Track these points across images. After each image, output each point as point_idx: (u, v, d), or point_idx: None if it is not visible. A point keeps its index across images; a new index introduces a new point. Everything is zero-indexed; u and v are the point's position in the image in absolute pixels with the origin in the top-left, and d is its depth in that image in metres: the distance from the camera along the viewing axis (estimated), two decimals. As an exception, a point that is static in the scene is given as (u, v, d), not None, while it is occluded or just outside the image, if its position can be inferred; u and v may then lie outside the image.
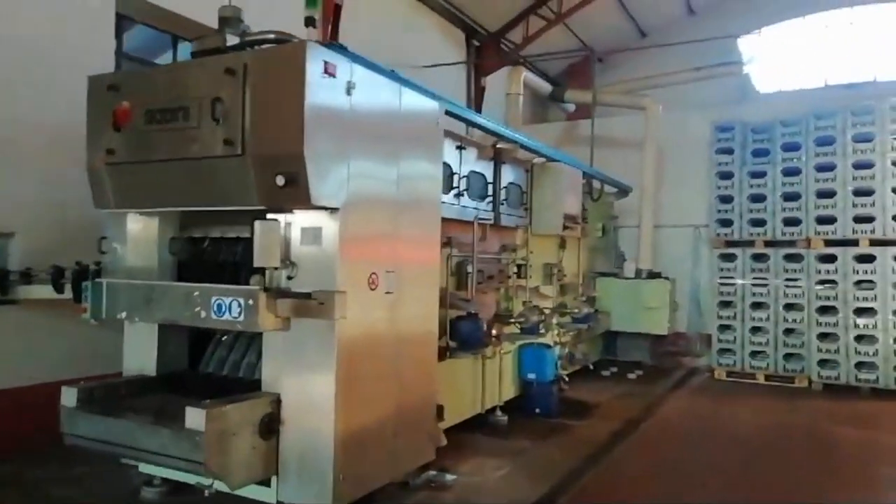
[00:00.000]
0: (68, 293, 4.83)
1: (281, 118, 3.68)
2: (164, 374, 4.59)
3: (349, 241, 3.96)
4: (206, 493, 3.79)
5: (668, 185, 11.39)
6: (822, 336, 9.13)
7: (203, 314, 3.93)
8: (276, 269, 3.93)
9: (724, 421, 7.53)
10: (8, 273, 5.15)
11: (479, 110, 12.39)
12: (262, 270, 3.92)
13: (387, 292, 4.32)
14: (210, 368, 4.71)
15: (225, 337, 4.72)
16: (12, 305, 5.30)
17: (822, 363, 9.08)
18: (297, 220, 3.98)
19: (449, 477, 5.22)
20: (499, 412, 6.91)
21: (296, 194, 3.68)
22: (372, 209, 4.19)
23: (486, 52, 12.38)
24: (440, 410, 5.58)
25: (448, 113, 5.21)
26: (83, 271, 4.62)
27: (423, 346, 4.78)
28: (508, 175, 6.78)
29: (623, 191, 10.50)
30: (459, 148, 5.84)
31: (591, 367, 9.16)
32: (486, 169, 6.39)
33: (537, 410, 7.22)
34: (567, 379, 8.29)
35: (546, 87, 10.81)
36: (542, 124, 12.92)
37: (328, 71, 3.75)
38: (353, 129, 3.98)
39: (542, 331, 7.18)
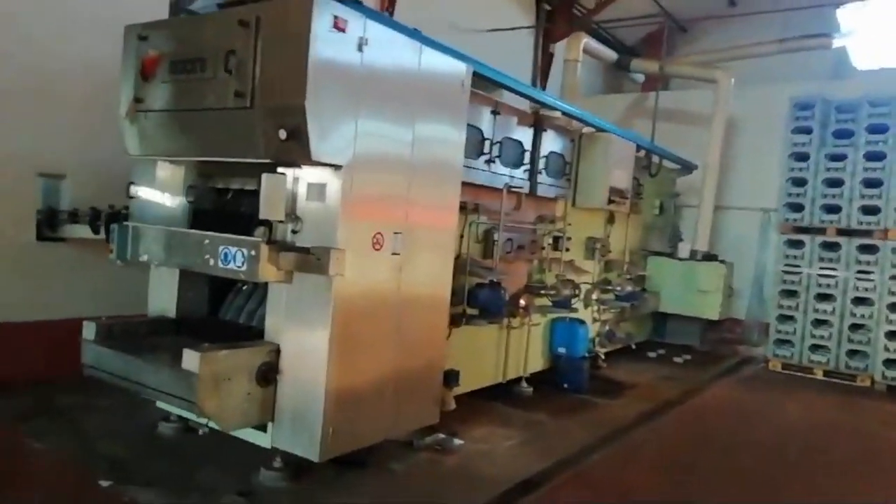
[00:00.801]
0: (104, 234, 5.09)
1: (287, 71, 3.68)
2: (184, 317, 4.79)
3: (353, 199, 3.96)
4: (201, 431, 3.96)
5: (739, 165, 10.79)
6: (892, 335, 8.50)
7: (212, 262, 4.05)
8: (280, 222, 4.00)
9: (766, 413, 7.17)
10: (57, 212, 5.48)
11: (545, 78, 12.08)
12: (267, 223, 3.99)
13: (393, 253, 4.31)
14: (228, 316, 4.89)
15: (245, 286, 4.87)
16: (62, 243, 5.65)
17: (889, 363, 8.48)
18: (305, 176, 4.02)
19: (457, 441, 5.25)
20: (524, 383, 6.86)
21: (298, 149, 3.70)
22: (381, 170, 4.17)
23: (556, 17, 11.95)
24: (454, 376, 5.60)
25: (478, 75, 5.08)
26: (115, 214, 4.86)
27: (433, 310, 4.76)
28: (550, 144, 6.57)
29: (687, 168, 10.01)
30: (494, 113, 5.70)
31: (633, 347, 8.90)
32: (525, 136, 6.22)
33: (566, 385, 7.11)
34: (603, 357, 8.12)
35: (611, 55, 10.33)
36: (610, 95, 12.47)
37: (337, 25, 3.72)
38: (364, 86, 3.95)
39: (575, 305, 7.01)
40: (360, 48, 3.88)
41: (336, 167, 3.87)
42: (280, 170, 4.00)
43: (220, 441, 4.33)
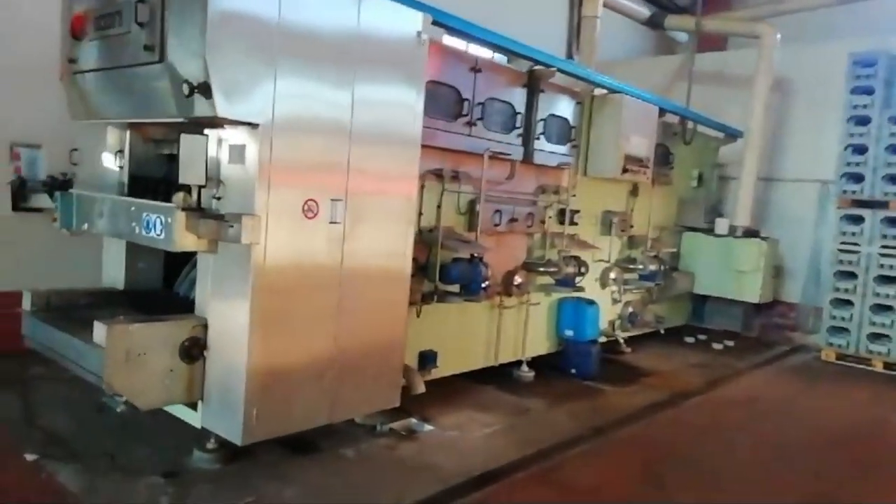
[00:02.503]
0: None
1: (190, 22, 3.35)
2: (133, 290, 4.61)
3: (276, 163, 3.61)
4: (119, 409, 3.74)
5: (794, 132, 9.73)
6: (963, 322, 7.47)
7: (137, 230, 3.82)
8: (202, 187, 3.70)
9: (797, 409, 6.40)
10: (25, 182, 5.42)
11: (579, 44, 11.32)
12: (188, 188, 3.70)
13: (331, 222, 3.94)
14: (182, 289, 4.68)
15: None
16: (38, 213, 5.59)
17: (961, 355, 7.47)
18: (228, 137, 3.70)
19: (427, 428, 4.90)
20: (525, 367, 6.39)
21: (204, 105, 3.37)
22: (310, 132, 3.77)
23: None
24: (430, 357, 5.23)
25: (438, 24, 4.61)
26: (64, 182, 4.70)
27: (389, 285, 4.36)
28: (549, 106, 5.99)
29: (732, 135, 9.12)
30: (474, 70, 5.20)
31: (662, 332, 8.22)
32: (516, 97, 5.68)
33: (573, 371, 6.59)
34: (622, 341, 7.52)
35: (640, 11, 9.45)
36: (655, 57, 11.54)
37: (245, -30, 3.35)
38: (283, 42, 3.55)
39: (579, 283, 6.45)
40: (277, -3, 3.49)
41: (252, 126, 3.53)
42: (206, 132, 3.70)
43: (168, 419, 4.13)
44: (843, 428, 5.89)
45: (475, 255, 5.27)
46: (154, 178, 4.45)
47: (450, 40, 5.99)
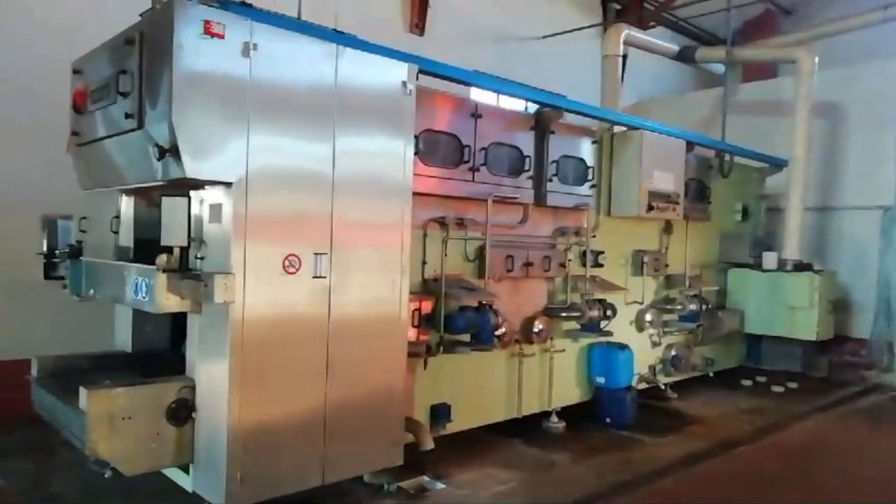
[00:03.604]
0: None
1: (160, 87, 3.44)
2: (140, 352, 4.67)
3: (253, 220, 3.61)
4: (106, 474, 3.71)
5: (847, 157, 9.18)
6: None
7: (128, 293, 3.88)
8: (183, 248, 3.74)
9: (869, 457, 5.78)
10: (54, 251, 5.64)
11: (621, 83, 11.16)
12: (170, 249, 3.74)
13: (315, 276, 3.88)
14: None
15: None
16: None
17: None
18: (207, 197, 3.74)
19: (439, 486, 4.68)
20: (554, 418, 6.08)
21: (174, 167, 3.43)
22: (288, 187, 3.76)
23: (628, 13, 11.04)
24: (442, 410, 5.05)
25: (427, 73, 4.59)
26: (73, 251, 4.86)
27: (382, 336, 4.24)
28: (563, 147, 5.84)
29: (777, 165, 8.65)
30: (474, 116, 5.14)
31: (711, 375, 7.70)
32: (523, 140, 5.56)
33: (607, 420, 6.22)
34: (662, 386, 7.08)
35: (668, 47, 9.21)
36: (693, 92, 11.24)
37: (211, 31, 3.43)
38: (255, 99, 3.60)
39: (605, 328, 6.14)
40: (245, 55, 3.56)
41: (226, 185, 3.55)
42: (192, 193, 3.77)
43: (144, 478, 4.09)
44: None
45: (483, 302, 5.10)
46: (156, 242, 4.54)
47: (477, 93, 6.01)
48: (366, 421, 4.18)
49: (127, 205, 4.67)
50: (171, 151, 3.40)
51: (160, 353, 4.74)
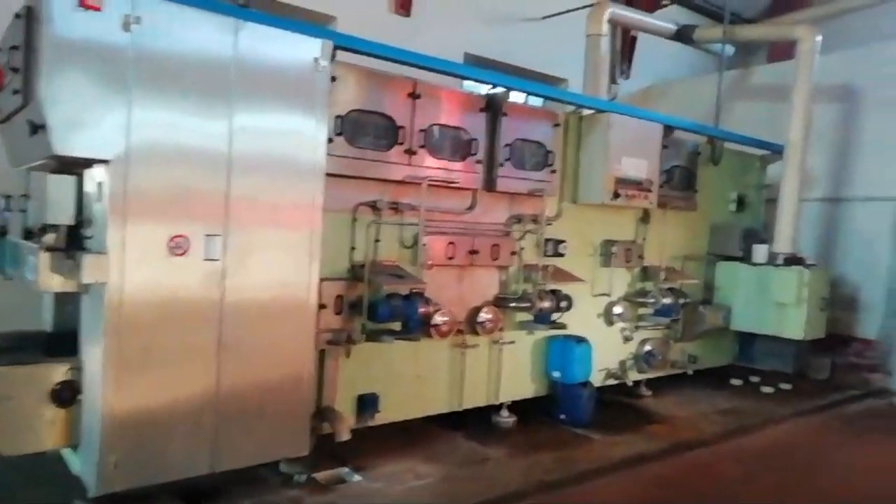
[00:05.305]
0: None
1: (36, 61, 3.35)
2: (58, 331, 4.63)
3: (133, 198, 3.51)
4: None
5: (861, 145, 8.59)
6: None
7: (25, 272, 3.85)
8: (71, 227, 3.68)
9: (830, 466, 5.41)
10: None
11: (629, 66, 10.69)
12: (57, 227, 3.68)
13: (207, 259, 3.77)
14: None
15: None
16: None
17: None
18: (95, 175, 3.65)
19: (356, 478, 4.55)
20: (505, 412, 5.87)
21: (48, 144, 3.34)
22: (176, 164, 3.63)
23: (638, -7, 10.51)
24: (368, 401, 4.91)
25: (345, 49, 4.40)
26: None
27: (286, 321, 4.09)
28: (517, 130, 5.56)
29: (778, 153, 8.13)
30: (412, 96, 4.92)
31: (690, 373, 7.33)
32: (470, 122, 5.30)
33: (562, 417, 5.97)
34: (630, 383, 6.77)
35: (664, 27, 8.68)
36: (708, 75, 10.62)
37: (86, 3, 3.31)
38: (138, 71, 3.47)
39: (557, 319, 5.87)
40: (126, 28, 3.43)
41: (104, 162, 3.45)
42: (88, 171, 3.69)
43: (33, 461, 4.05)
44: (864, 493, 4.88)
45: (415, 290, 4.91)
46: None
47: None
48: (267, 409, 4.07)
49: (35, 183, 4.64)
50: (42, 127, 3.32)
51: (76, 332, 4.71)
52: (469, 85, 6.51)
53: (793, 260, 7.37)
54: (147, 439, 3.64)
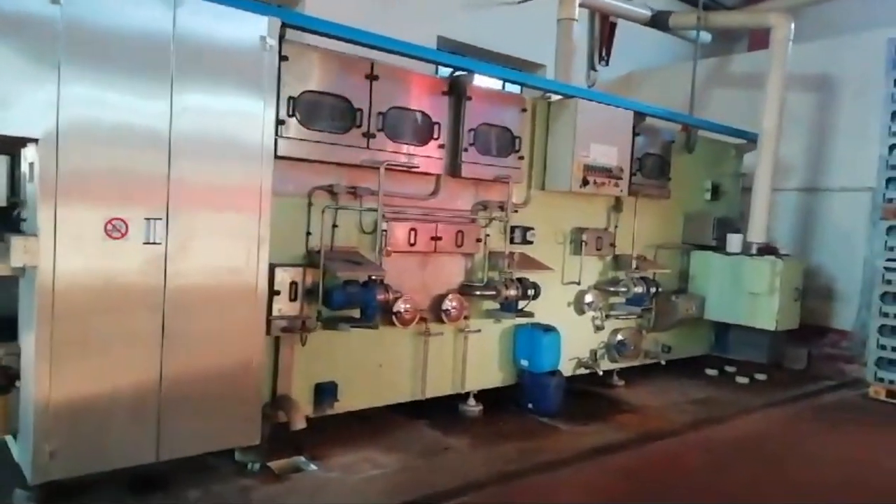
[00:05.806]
0: None
1: (-40, 32, 3.22)
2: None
3: (64, 178, 3.37)
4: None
5: (837, 134, 8.53)
6: None
7: (-39, 256, 3.71)
8: (4, 208, 3.56)
9: (798, 457, 5.34)
10: None
11: (608, 53, 10.59)
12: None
13: (147, 243, 3.64)
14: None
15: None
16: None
17: None
18: (28, 155, 3.53)
19: (311, 468, 4.45)
20: (472, 401, 5.78)
21: (-30, 120, 3.21)
22: (112, 144, 3.50)
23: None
24: (326, 389, 4.81)
25: (293, 27, 4.28)
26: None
27: (233, 307, 3.98)
28: (482, 114, 5.45)
29: (753, 141, 8.05)
30: (369, 77, 4.79)
31: (663, 363, 7.25)
32: (432, 106, 5.19)
33: (530, 406, 5.89)
34: (601, 372, 6.68)
35: (638, 12, 8.55)
36: (679, 64, 10.53)
37: (11, -26, 3.18)
38: (68, 45, 3.34)
39: (524, 307, 5.78)
40: (54, 1, 3.30)
41: (32, 141, 3.32)
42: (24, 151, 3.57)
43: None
44: (834, 483, 4.82)
45: (373, 277, 4.81)
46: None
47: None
48: (215, 397, 3.96)
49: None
50: (-38, 103, 3.19)
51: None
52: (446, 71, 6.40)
53: (766, 250, 7.31)
54: (85, 428, 3.52)
